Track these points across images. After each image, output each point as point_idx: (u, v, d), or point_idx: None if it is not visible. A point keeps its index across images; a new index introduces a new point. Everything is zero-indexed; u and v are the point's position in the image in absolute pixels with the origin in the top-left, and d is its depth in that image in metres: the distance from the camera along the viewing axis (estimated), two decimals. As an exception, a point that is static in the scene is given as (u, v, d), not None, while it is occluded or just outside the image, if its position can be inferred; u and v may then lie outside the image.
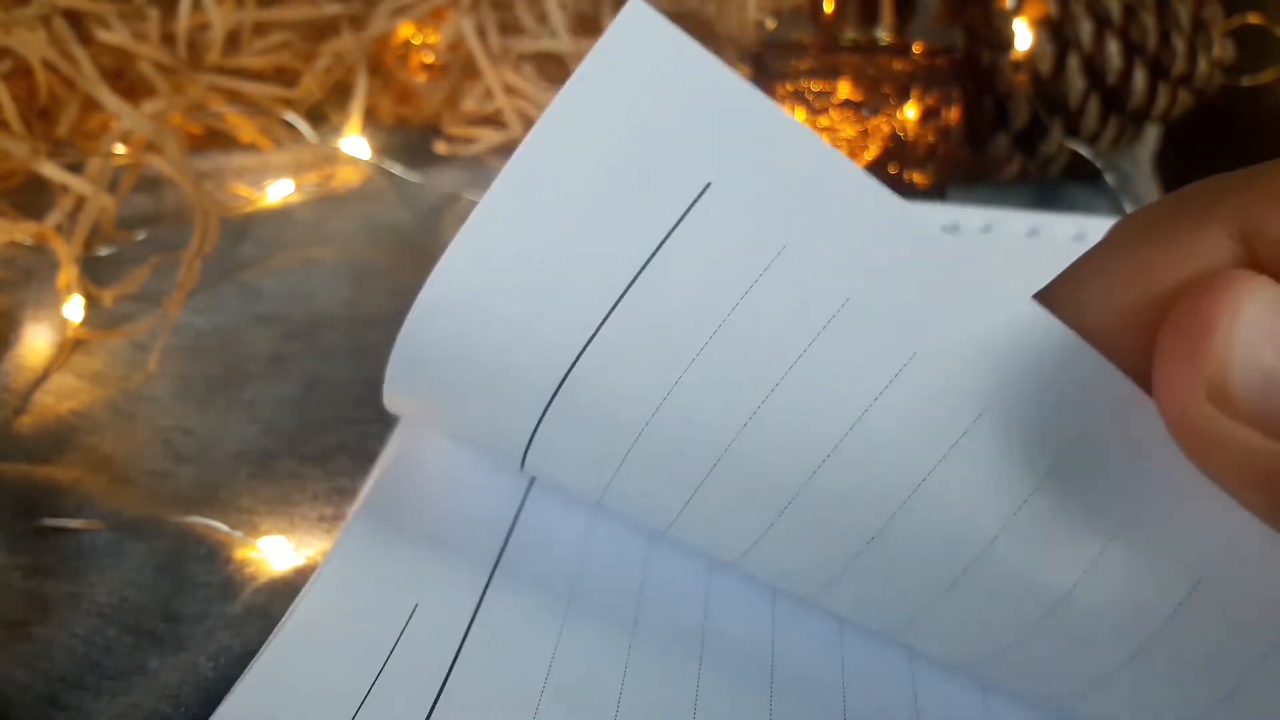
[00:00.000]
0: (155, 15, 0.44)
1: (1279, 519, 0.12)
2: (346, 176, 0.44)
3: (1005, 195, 0.43)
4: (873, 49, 0.38)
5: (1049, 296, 0.15)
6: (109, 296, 0.35)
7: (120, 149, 0.38)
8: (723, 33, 0.47)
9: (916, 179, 0.39)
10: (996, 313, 0.16)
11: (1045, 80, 0.41)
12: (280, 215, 0.41)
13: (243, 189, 0.42)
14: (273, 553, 0.25)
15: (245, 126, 0.44)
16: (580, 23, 0.46)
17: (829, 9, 0.38)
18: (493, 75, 0.45)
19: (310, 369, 0.32)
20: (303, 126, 0.44)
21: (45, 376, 0.32)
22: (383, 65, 0.48)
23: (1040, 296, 0.16)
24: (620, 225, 0.17)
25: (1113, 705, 0.17)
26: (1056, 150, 0.42)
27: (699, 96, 0.17)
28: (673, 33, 0.17)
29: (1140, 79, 0.41)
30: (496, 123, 0.46)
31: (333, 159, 0.44)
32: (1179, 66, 0.41)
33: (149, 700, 0.21)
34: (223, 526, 0.26)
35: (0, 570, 0.25)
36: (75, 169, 0.38)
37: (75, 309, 0.33)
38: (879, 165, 0.39)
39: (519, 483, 0.23)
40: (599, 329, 0.17)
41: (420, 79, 0.48)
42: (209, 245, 0.35)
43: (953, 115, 0.39)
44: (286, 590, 0.24)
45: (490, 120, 0.46)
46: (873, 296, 0.16)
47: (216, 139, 0.45)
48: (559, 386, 0.17)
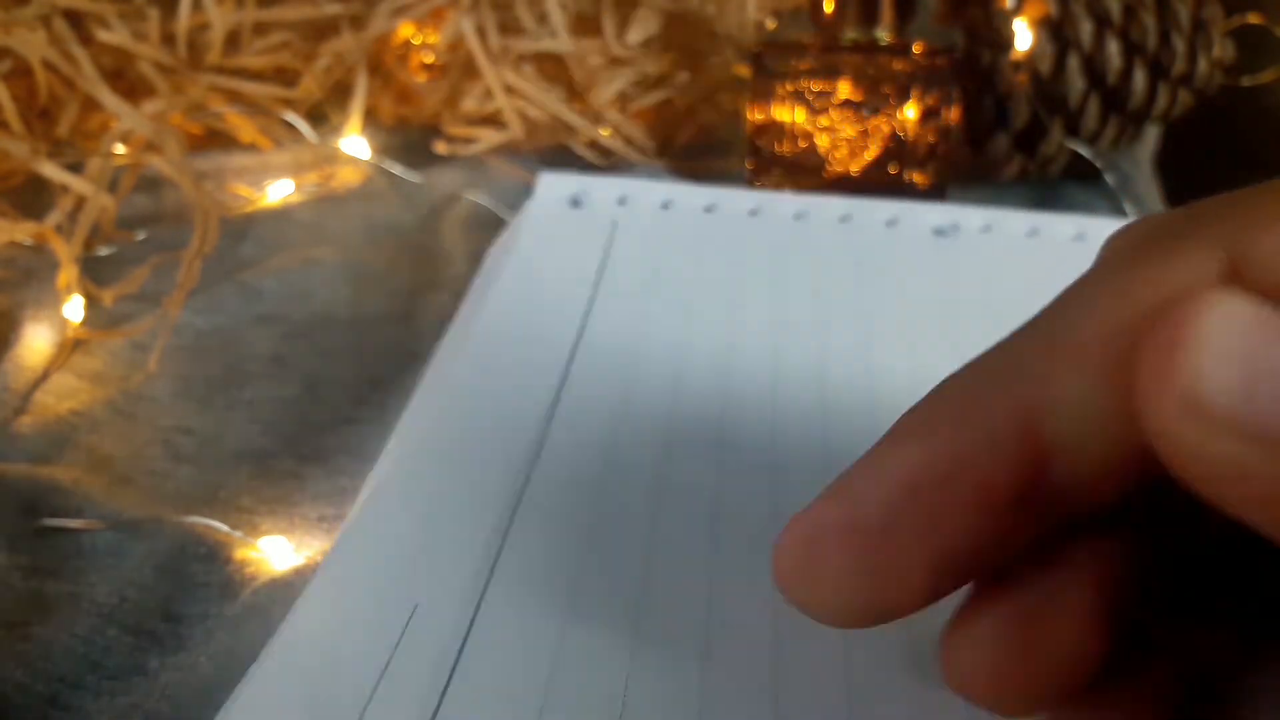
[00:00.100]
0: (155, 15, 0.44)
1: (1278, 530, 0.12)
2: (346, 176, 0.44)
3: (1005, 195, 0.43)
4: (873, 49, 0.38)
5: (1041, 324, 0.15)
6: (109, 296, 0.35)
7: (120, 149, 0.38)
8: (723, 32, 0.47)
9: (916, 179, 0.39)
10: None
11: (1045, 80, 0.41)
12: (280, 215, 0.41)
13: (243, 189, 0.42)
14: (273, 553, 0.25)
15: (245, 126, 0.44)
16: (580, 23, 0.46)
17: (829, 9, 0.38)
18: (493, 75, 0.45)
19: (310, 369, 0.32)
20: (303, 126, 0.44)
21: (45, 376, 0.32)
22: (383, 65, 0.48)
23: (1035, 325, 0.15)
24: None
25: None
26: (1056, 150, 0.42)
27: None
28: None
29: (1140, 79, 0.41)
30: (496, 123, 0.46)
31: (333, 159, 0.44)
32: (1179, 66, 0.41)
33: (149, 700, 0.21)
34: (223, 526, 0.26)
35: (0, 570, 0.25)
36: (75, 169, 0.38)
37: (75, 309, 0.33)
38: (879, 165, 0.39)
39: (517, 483, 0.23)
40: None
41: (420, 79, 0.48)
42: (209, 245, 0.35)
43: (953, 115, 0.39)
44: (286, 590, 0.24)
45: (490, 120, 0.46)
46: None
47: (216, 139, 0.45)
48: None
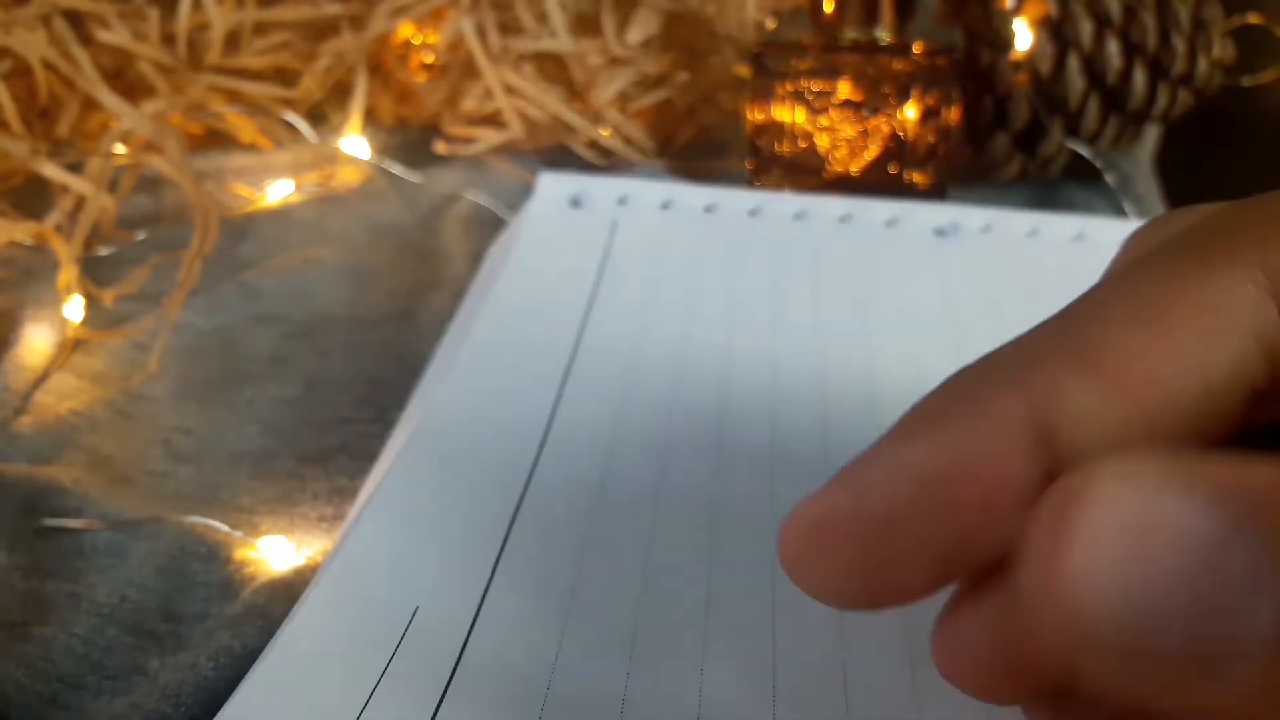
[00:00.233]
0: (155, 15, 0.44)
1: None
2: (346, 176, 0.44)
3: (1005, 195, 0.43)
4: (873, 49, 0.38)
5: (1062, 326, 0.14)
6: (109, 296, 0.35)
7: (120, 149, 0.38)
8: (722, 32, 0.47)
9: (916, 179, 0.39)
10: None
11: (1045, 80, 0.41)
12: (280, 215, 0.41)
13: (243, 189, 0.42)
14: (273, 553, 0.25)
15: (245, 126, 0.44)
16: (580, 23, 0.46)
17: (829, 9, 0.38)
18: (493, 75, 0.45)
19: (310, 369, 0.32)
20: (303, 126, 0.44)
21: (45, 376, 0.32)
22: (383, 65, 0.48)
23: (1055, 325, 0.14)
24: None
25: None
26: (1056, 150, 0.42)
27: None
28: None
29: (1140, 79, 0.41)
30: (496, 123, 0.45)
31: (333, 159, 0.44)
32: (1179, 66, 0.41)
33: (149, 700, 0.21)
34: (223, 526, 0.26)
35: (0, 570, 0.25)
36: (75, 169, 0.38)
37: (75, 309, 0.33)
38: (879, 165, 0.39)
39: (518, 483, 0.23)
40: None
41: (420, 79, 0.48)
42: (209, 245, 0.35)
43: (953, 115, 0.39)
44: (286, 590, 0.24)
45: (490, 120, 0.46)
46: None
47: (216, 139, 0.45)
48: None
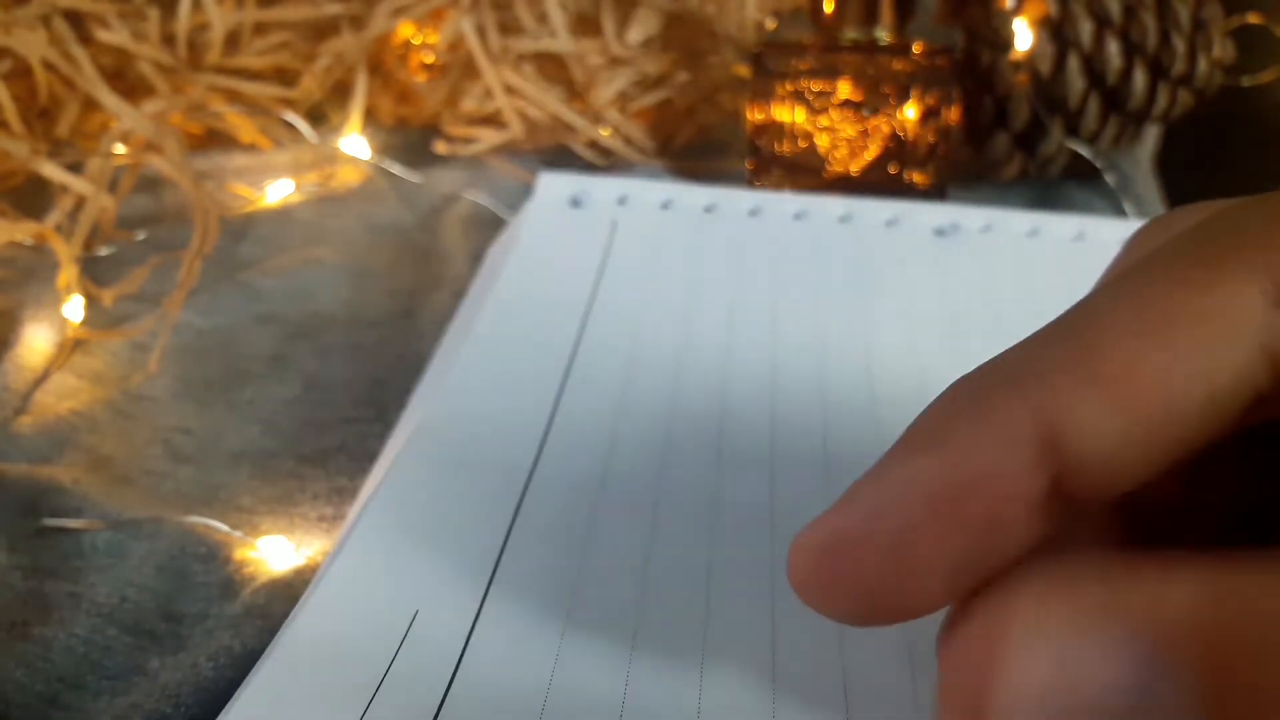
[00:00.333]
0: (155, 15, 0.44)
1: None
2: (346, 176, 0.44)
3: (1005, 195, 0.43)
4: (873, 49, 0.38)
5: (1065, 333, 0.13)
6: (109, 296, 0.35)
7: (120, 149, 0.38)
8: (722, 32, 0.47)
9: (916, 179, 0.39)
10: None
11: (1045, 80, 0.41)
12: (280, 215, 0.41)
13: (243, 189, 0.42)
14: (273, 553, 0.25)
15: (245, 126, 0.44)
16: (580, 23, 0.46)
17: (829, 9, 0.38)
18: (493, 75, 0.45)
19: (310, 369, 0.32)
20: (303, 126, 0.44)
21: (45, 376, 0.32)
22: (383, 65, 0.48)
23: (1057, 331, 0.14)
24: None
25: None
26: (1056, 150, 0.42)
27: None
28: None
29: (1140, 79, 0.41)
30: (496, 123, 0.46)
31: (333, 159, 0.44)
32: (1179, 66, 0.41)
33: (149, 700, 0.21)
34: (223, 526, 0.26)
35: (0, 570, 0.25)
36: (75, 169, 0.38)
37: (75, 309, 0.33)
38: (879, 165, 0.39)
39: (518, 484, 0.23)
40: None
41: (420, 79, 0.48)
42: (209, 245, 0.35)
43: (953, 115, 0.39)
44: (286, 590, 0.24)
45: (490, 120, 0.46)
46: None
47: (216, 139, 0.45)
48: None
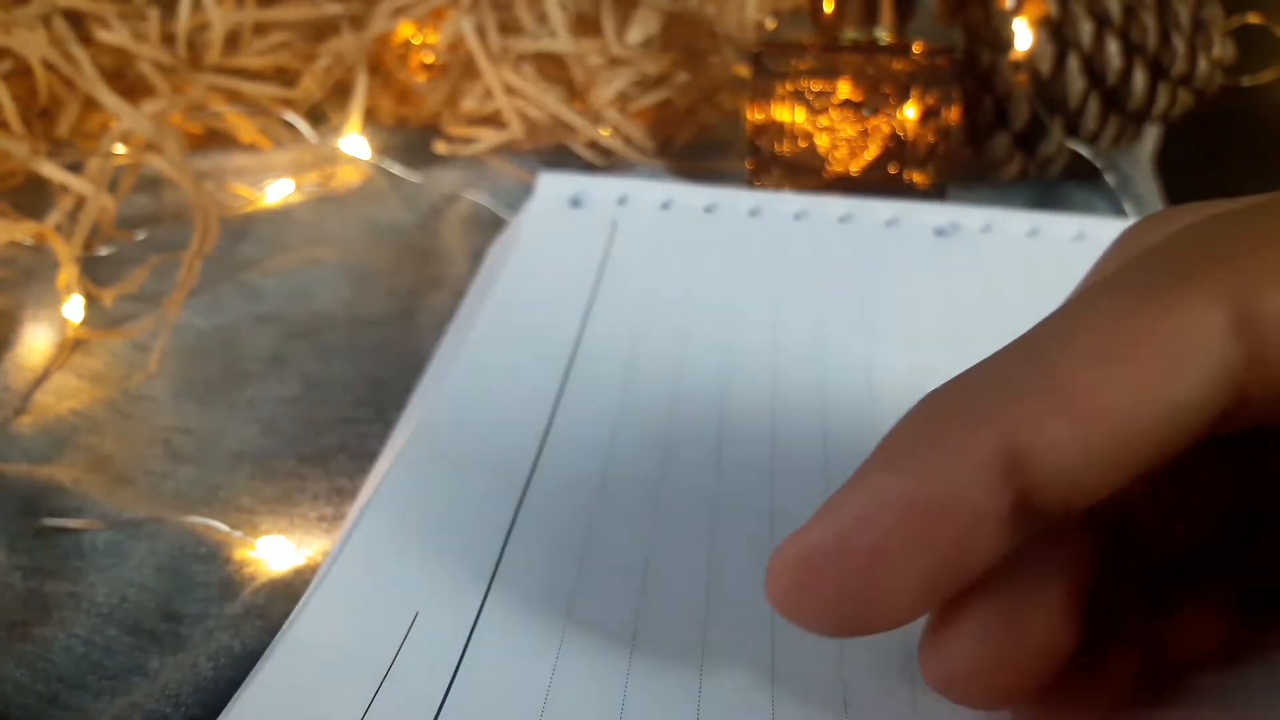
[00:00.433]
0: (155, 15, 0.44)
1: None
2: (346, 176, 0.44)
3: (1005, 195, 0.43)
4: (873, 49, 0.38)
5: (1032, 351, 0.14)
6: (109, 296, 0.35)
7: (120, 149, 0.38)
8: (722, 32, 0.47)
9: (916, 179, 0.39)
10: None
11: (1045, 80, 0.41)
12: (280, 215, 0.41)
13: (243, 189, 0.42)
14: (273, 553, 0.25)
15: (245, 126, 0.44)
16: (580, 23, 0.46)
17: (829, 9, 0.38)
18: (493, 75, 0.45)
19: (310, 369, 0.32)
20: (303, 126, 0.44)
21: (45, 376, 0.32)
22: (383, 65, 0.48)
23: (1025, 348, 0.14)
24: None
25: None
26: (1056, 150, 0.42)
27: None
28: None
29: (1140, 79, 0.41)
30: (496, 123, 0.46)
31: (333, 159, 0.44)
32: (1179, 66, 0.41)
33: (149, 700, 0.21)
34: (223, 526, 0.26)
35: (0, 570, 0.25)
36: (75, 169, 0.38)
37: (75, 309, 0.33)
38: (879, 165, 0.39)
39: (518, 485, 0.23)
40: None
41: (420, 79, 0.48)
42: (209, 245, 0.35)
43: (953, 115, 0.39)
44: (286, 590, 0.24)
45: (490, 120, 0.46)
46: None
47: (216, 139, 0.45)
48: None
